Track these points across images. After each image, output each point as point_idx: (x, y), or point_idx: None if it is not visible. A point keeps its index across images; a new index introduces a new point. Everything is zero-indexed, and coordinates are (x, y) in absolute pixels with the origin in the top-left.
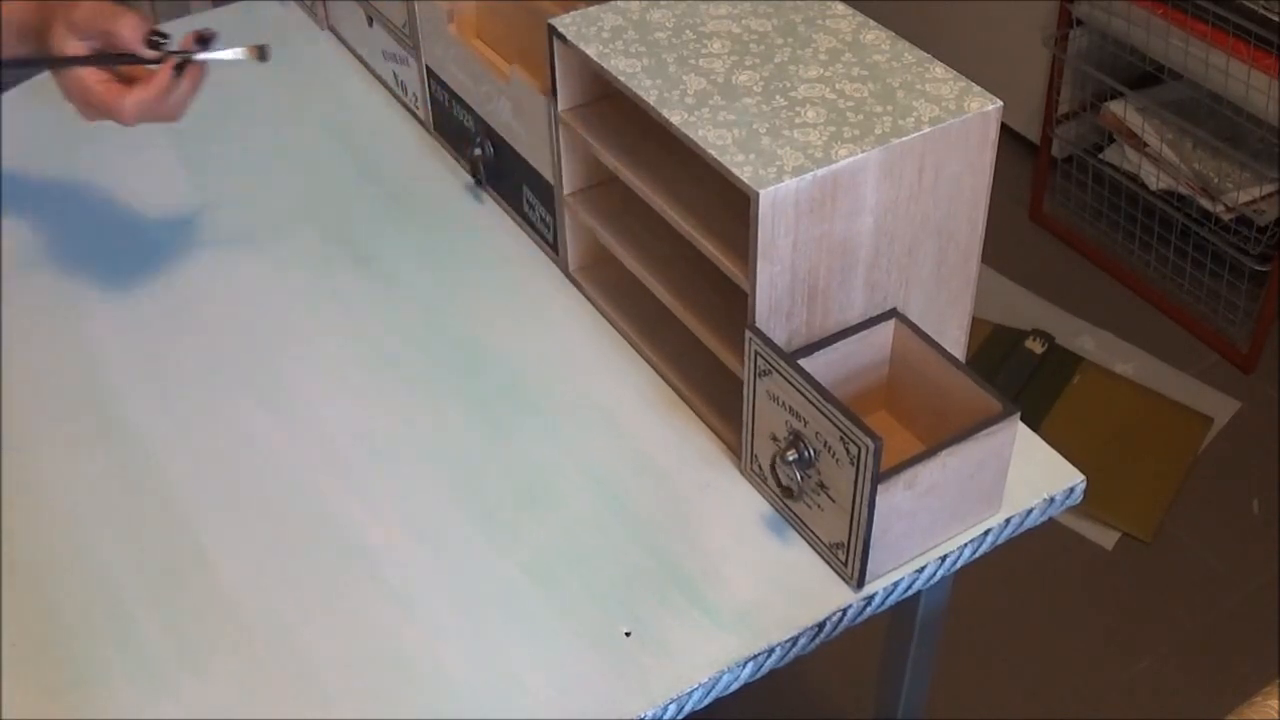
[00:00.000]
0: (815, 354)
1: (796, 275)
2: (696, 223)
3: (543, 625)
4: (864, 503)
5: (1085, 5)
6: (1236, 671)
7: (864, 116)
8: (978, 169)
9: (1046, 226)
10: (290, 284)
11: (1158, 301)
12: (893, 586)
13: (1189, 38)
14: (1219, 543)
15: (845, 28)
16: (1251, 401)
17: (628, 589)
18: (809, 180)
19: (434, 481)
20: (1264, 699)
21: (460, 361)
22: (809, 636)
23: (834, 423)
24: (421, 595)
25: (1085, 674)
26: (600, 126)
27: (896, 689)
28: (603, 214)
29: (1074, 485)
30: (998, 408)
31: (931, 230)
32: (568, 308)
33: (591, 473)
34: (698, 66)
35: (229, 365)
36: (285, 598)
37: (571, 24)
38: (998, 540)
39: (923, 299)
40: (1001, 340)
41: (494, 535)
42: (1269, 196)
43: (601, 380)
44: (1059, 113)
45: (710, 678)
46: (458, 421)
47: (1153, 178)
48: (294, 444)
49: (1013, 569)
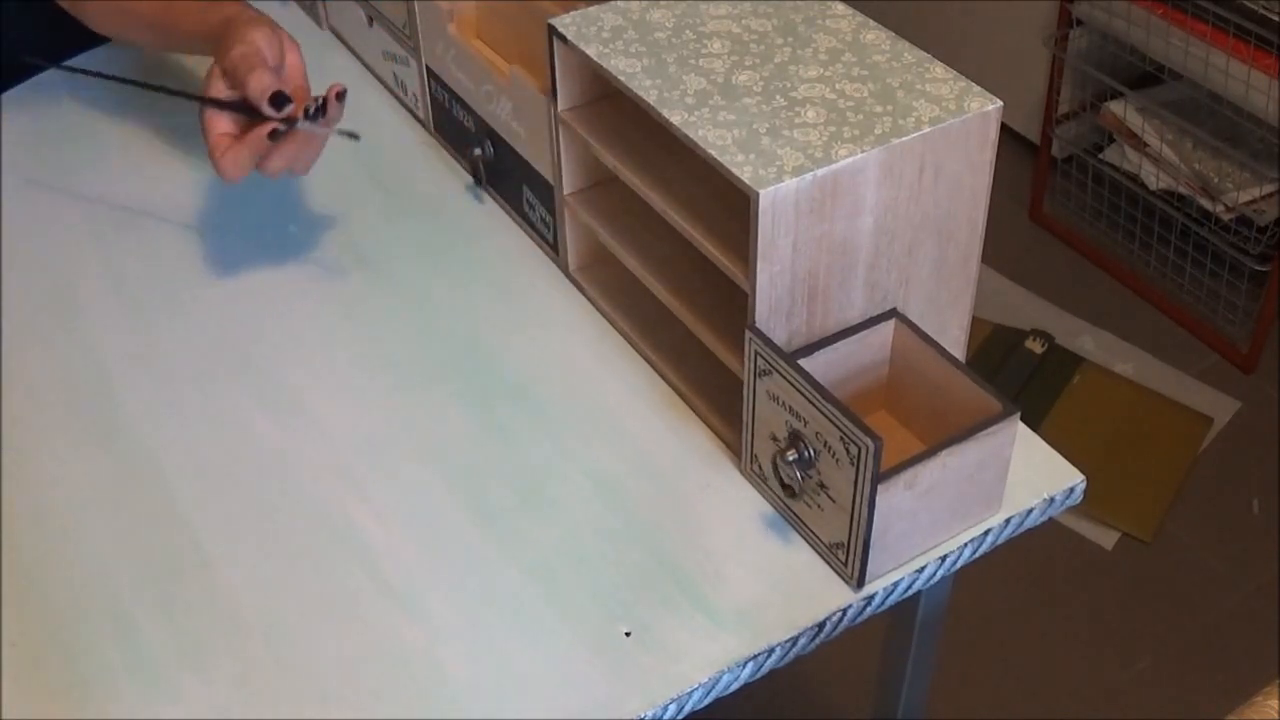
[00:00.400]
0: (815, 354)
1: (796, 275)
2: (696, 223)
3: (543, 625)
4: (864, 503)
5: (1085, 5)
6: (1236, 671)
7: (864, 116)
8: (978, 169)
9: (1046, 226)
10: (290, 284)
11: (1158, 301)
12: (893, 586)
13: (1189, 38)
14: (1219, 543)
15: (845, 28)
16: (1251, 401)
17: (628, 589)
18: (809, 180)
19: (434, 481)
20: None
21: (460, 361)
22: (809, 636)
23: (834, 423)
24: (421, 595)
25: (1085, 674)
26: (600, 126)
27: (896, 689)
28: (603, 214)
29: (1074, 485)
30: (998, 408)
31: (931, 230)
32: (568, 308)
33: (591, 473)
34: (698, 66)
35: (229, 365)
36: (285, 598)
37: (571, 24)
38: (998, 540)
39: (923, 299)
40: (1001, 340)
41: (494, 535)
42: (1269, 196)
43: (601, 380)
44: (1059, 113)
45: (710, 678)
46: (457, 421)
47: (1153, 178)
48: (294, 444)
49: (1013, 569)
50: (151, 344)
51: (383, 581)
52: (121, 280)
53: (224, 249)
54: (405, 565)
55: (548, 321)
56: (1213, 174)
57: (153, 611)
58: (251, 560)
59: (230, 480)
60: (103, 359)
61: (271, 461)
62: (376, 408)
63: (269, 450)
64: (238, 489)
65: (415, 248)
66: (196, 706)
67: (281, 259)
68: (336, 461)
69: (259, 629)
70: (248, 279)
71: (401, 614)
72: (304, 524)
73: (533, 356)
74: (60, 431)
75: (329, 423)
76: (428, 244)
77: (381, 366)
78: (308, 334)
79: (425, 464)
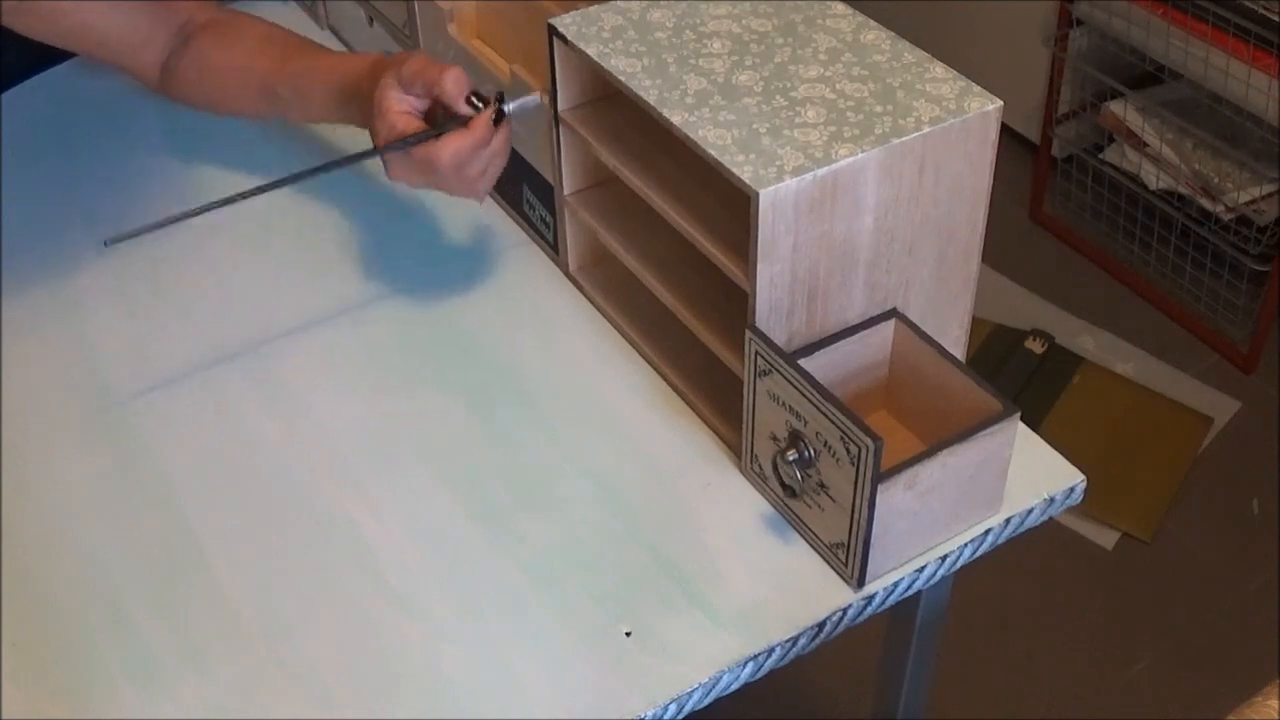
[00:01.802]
0: (815, 354)
1: (796, 275)
2: (696, 223)
3: (543, 625)
4: (864, 503)
5: (1085, 5)
6: (1236, 671)
7: (864, 116)
8: (978, 169)
9: (1046, 226)
10: (290, 284)
11: (1158, 301)
12: (893, 586)
13: (1189, 38)
14: (1219, 543)
15: (845, 28)
16: (1251, 401)
17: (628, 589)
18: (809, 180)
19: (434, 481)
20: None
21: (460, 361)
22: (809, 636)
23: (834, 422)
24: (421, 595)
25: (1085, 674)
26: (600, 126)
27: (896, 689)
28: (603, 214)
29: (1074, 485)
30: (998, 408)
31: (931, 230)
32: (568, 308)
33: (591, 472)
34: (698, 66)
35: (229, 366)
36: (285, 598)
37: (571, 24)
38: (998, 540)
39: (923, 299)
40: (1001, 340)
41: (494, 535)
42: (1269, 196)
43: (601, 380)
44: (1059, 113)
45: (710, 678)
46: (457, 421)
47: (1153, 178)
48: (294, 444)
49: (1013, 569)
50: (151, 344)
51: (383, 581)
52: (121, 280)
53: (224, 249)
54: (405, 565)
55: (548, 321)
56: (1213, 174)
57: (153, 611)
58: (251, 560)
59: (230, 480)
60: (103, 359)
61: (271, 461)
62: (376, 408)
63: (269, 450)
64: (238, 489)
65: (415, 248)
66: (196, 706)
67: (281, 258)
68: (336, 461)
69: (259, 629)
70: (247, 279)
71: (401, 614)
72: (304, 524)
73: (532, 356)
74: (60, 431)
75: (329, 423)
76: (427, 244)
77: (381, 366)
78: (308, 334)
79: (425, 464)
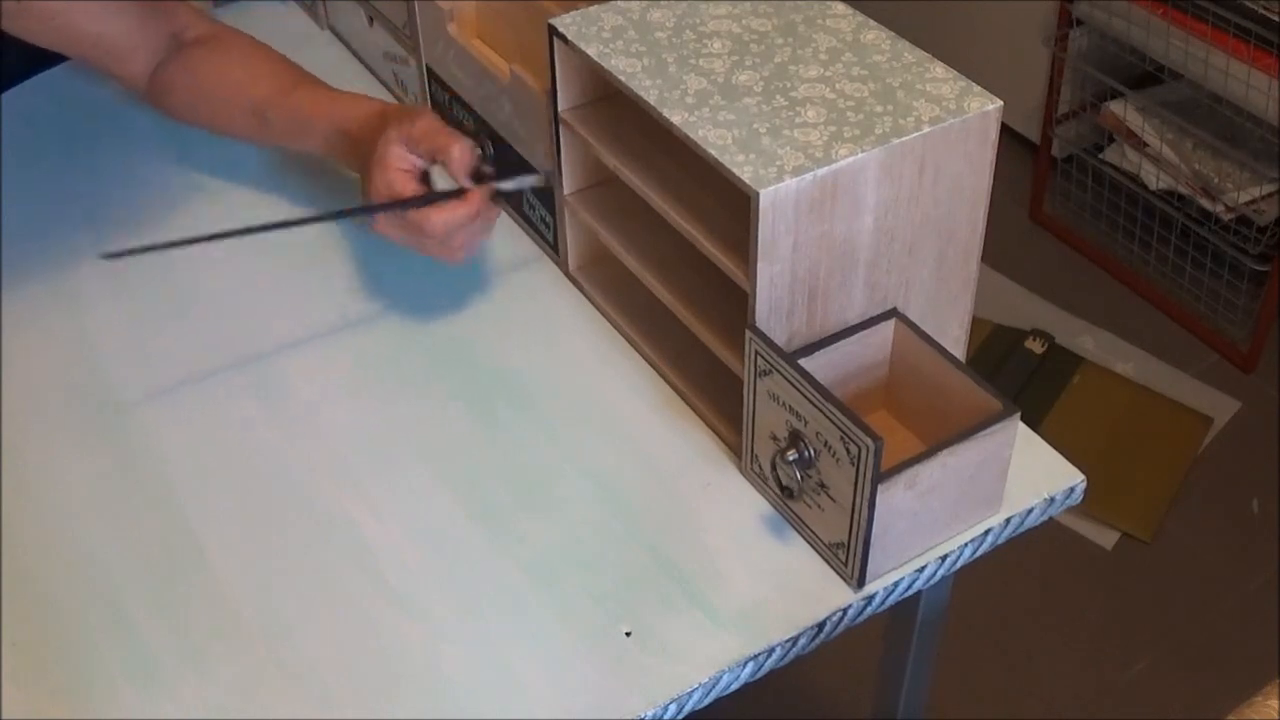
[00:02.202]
0: (815, 354)
1: (796, 275)
2: (696, 223)
3: (543, 625)
4: (864, 503)
5: (1085, 5)
6: (1236, 671)
7: (864, 116)
8: (978, 169)
9: (1046, 226)
10: (289, 284)
11: (1158, 301)
12: (893, 586)
13: (1189, 38)
14: (1219, 543)
15: (845, 28)
16: (1251, 401)
17: (628, 589)
18: (809, 180)
19: (434, 481)
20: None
21: (460, 361)
22: (809, 636)
23: (834, 422)
24: (421, 595)
25: (1085, 674)
26: (600, 126)
27: (896, 689)
28: (603, 214)
29: (1074, 485)
30: (998, 407)
31: (931, 230)
32: (568, 308)
33: (591, 472)
34: (698, 66)
35: (230, 366)
36: (285, 598)
37: (572, 24)
38: (998, 540)
39: (923, 299)
40: (1001, 340)
41: (494, 535)
42: (1269, 196)
43: (601, 380)
44: (1059, 113)
45: (710, 678)
46: (457, 421)
47: (1153, 178)
48: (294, 443)
49: (1013, 569)
50: (151, 344)
51: (383, 581)
52: (121, 280)
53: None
54: (405, 565)
55: (548, 321)
56: (1213, 174)
57: (153, 611)
58: (251, 560)
59: (230, 480)
60: (103, 359)
61: (271, 461)
62: (376, 408)
63: (269, 449)
64: (238, 489)
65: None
66: (196, 706)
67: (280, 258)
68: (336, 461)
69: (259, 629)
70: (247, 279)
71: (401, 614)
72: (304, 524)
73: (533, 356)
74: (60, 431)
75: (329, 423)
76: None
77: (381, 366)
78: (308, 334)
79: (425, 464)
